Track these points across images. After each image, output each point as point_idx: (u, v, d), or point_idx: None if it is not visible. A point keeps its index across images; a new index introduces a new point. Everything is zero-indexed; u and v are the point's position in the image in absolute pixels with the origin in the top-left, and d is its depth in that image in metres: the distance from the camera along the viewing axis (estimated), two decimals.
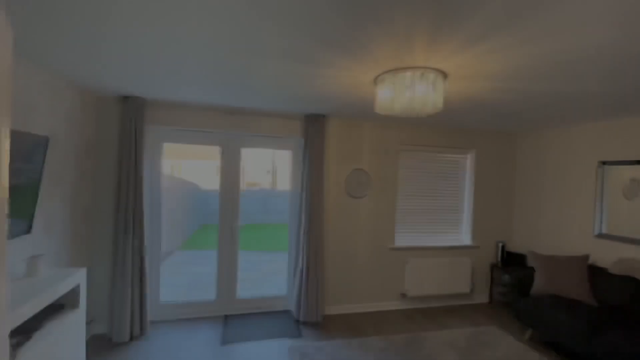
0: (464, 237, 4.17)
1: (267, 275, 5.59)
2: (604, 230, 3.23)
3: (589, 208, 3.36)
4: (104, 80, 2.44)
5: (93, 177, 2.97)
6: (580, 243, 3.43)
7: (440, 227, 4.08)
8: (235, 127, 3.32)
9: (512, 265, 3.95)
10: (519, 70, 1.87)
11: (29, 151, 2.05)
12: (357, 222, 3.70)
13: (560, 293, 3.07)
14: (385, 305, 3.81)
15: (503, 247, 4.08)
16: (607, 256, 3.17)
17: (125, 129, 2.88)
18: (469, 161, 4.17)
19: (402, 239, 3.92)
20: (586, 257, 3.15)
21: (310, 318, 3.36)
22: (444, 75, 1.98)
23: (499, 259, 4.08)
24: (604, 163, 3.24)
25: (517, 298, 3.26)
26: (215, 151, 3.47)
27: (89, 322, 2.95)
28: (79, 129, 2.72)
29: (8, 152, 0.89)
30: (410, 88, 1.98)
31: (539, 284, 3.17)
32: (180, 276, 5.44)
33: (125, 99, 2.89)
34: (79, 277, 2.22)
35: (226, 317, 3.45)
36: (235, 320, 3.39)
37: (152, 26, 1.50)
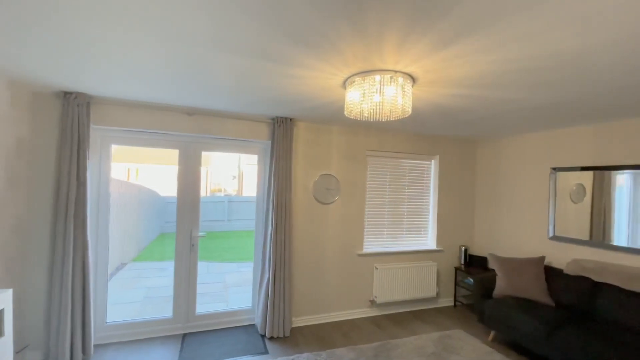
0: (430, 242, 4.24)
1: (231, 288, 5.30)
2: (557, 233, 3.42)
3: (543, 211, 3.55)
4: (39, 72, 2.13)
5: (27, 182, 2.60)
6: (537, 245, 3.61)
7: (407, 233, 4.12)
8: (196, 129, 3.10)
9: (475, 268, 4.07)
10: (483, 76, 1.90)
11: None
12: (326, 229, 3.61)
13: (520, 294, 3.19)
14: (354, 313, 3.74)
15: (466, 250, 4.20)
16: (561, 257, 3.36)
17: (66, 128, 2.56)
18: (433, 167, 4.27)
19: (371, 245, 3.89)
20: (542, 259, 3.31)
21: (277, 332, 3.18)
22: (413, 79, 1.96)
23: (463, 262, 4.20)
24: (555, 169, 3.46)
25: (480, 301, 3.34)
26: (174, 155, 3.21)
27: (20, 350, 2.55)
28: (9, 127, 2.36)
29: None
30: (379, 92, 1.94)
31: (500, 286, 3.28)
32: (133, 291, 4.98)
33: (67, 95, 2.57)
34: (2, 301, 1.89)
35: (184, 335, 3.17)
36: (195, 338, 3.12)
37: (94, 9, 1.30)
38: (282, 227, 3.20)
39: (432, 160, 4.27)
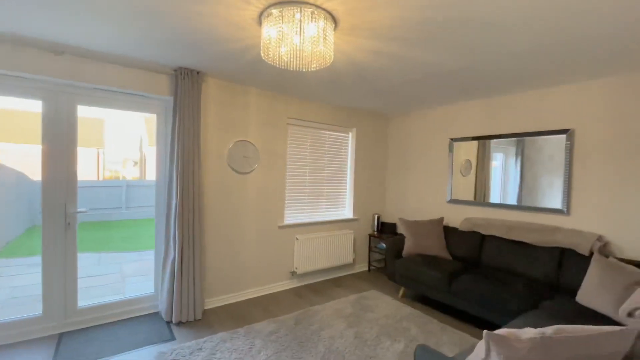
0: (347, 212, 4.36)
1: (130, 278, 4.56)
2: (453, 197, 3.87)
3: (444, 178, 3.97)
4: None
5: None
6: (438, 208, 4.03)
7: (327, 203, 4.13)
8: (67, 74, 2.41)
9: (386, 234, 4.35)
10: (405, 24, 1.88)
11: None
12: (244, 200, 3.32)
13: (424, 252, 3.51)
14: (275, 286, 3.59)
15: (378, 218, 4.46)
16: (456, 217, 3.81)
17: None
18: (350, 139, 4.36)
19: (292, 217, 3.77)
20: (441, 220, 3.70)
21: (186, 316, 2.82)
22: (334, 21, 1.83)
23: (376, 229, 4.45)
24: (453, 140, 3.87)
25: (391, 262, 3.58)
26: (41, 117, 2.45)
27: None
28: None
29: None
30: (299, 33, 1.76)
31: (408, 247, 3.55)
32: None
33: None
34: None
35: (61, 335, 2.54)
36: (77, 336, 2.53)
37: None
38: (190, 198, 2.80)
39: (350, 133, 4.34)
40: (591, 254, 2.57)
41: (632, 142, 2.53)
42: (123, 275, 4.66)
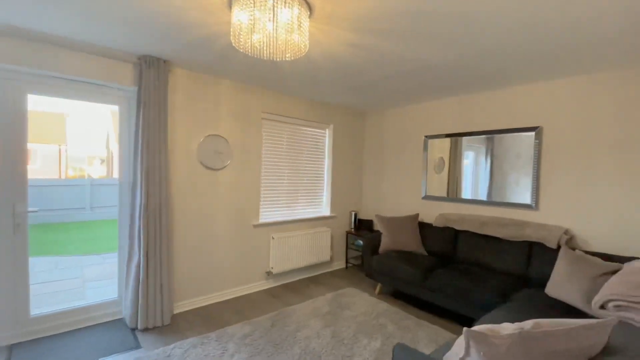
0: (324, 209, 4.30)
1: (92, 282, 4.26)
2: (428, 193, 3.91)
3: (419, 175, 4.00)
4: None
5: None
6: (413, 204, 4.06)
7: (304, 200, 4.05)
8: (14, 59, 2.17)
9: (363, 230, 4.34)
10: (384, 15, 1.84)
11: None
12: (216, 198, 3.17)
13: (400, 248, 3.52)
14: (249, 287, 3.47)
15: (356, 215, 4.44)
16: (431, 213, 3.86)
17: None
18: (327, 136, 4.30)
19: (267, 215, 3.66)
20: (417, 216, 3.73)
21: (153, 322, 2.64)
22: (309, 8, 1.75)
23: (353, 226, 4.43)
24: (427, 137, 3.91)
25: (368, 258, 3.56)
26: None
27: None
28: None
29: None
30: (273, 20, 1.66)
31: (385, 243, 3.55)
32: None
33: None
34: None
35: (12, 347, 2.30)
36: (30, 347, 2.30)
37: None
38: (156, 196, 2.62)
39: (327, 130, 4.28)
40: (558, 247, 2.67)
41: (596, 139, 2.65)
42: (84, 279, 4.34)
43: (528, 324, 1.03)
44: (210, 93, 3.07)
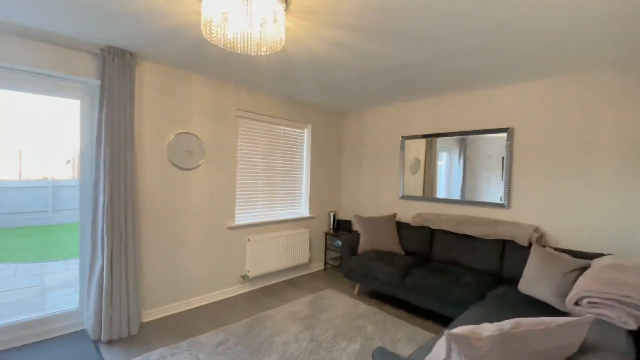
0: (303, 210, 4.23)
1: (53, 291, 3.94)
2: (405, 193, 3.93)
3: (397, 175, 4.02)
4: None
5: None
6: (391, 204, 4.08)
7: (282, 201, 3.96)
8: None
9: (342, 231, 4.30)
10: (361, 9, 1.80)
11: None
12: (188, 200, 3.02)
13: (379, 248, 3.52)
14: (224, 292, 3.33)
15: (334, 215, 4.40)
16: (408, 212, 3.88)
17: None
18: (306, 136, 4.23)
19: (243, 216, 3.53)
20: (394, 215, 3.74)
21: (118, 333, 2.47)
22: (285, 0, 1.68)
23: (332, 227, 4.38)
24: (404, 137, 3.93)
25: (346, 259, 3.53)
26: None
27: None
28: None
29: None
30: (247, 12, 1.58)
31: (363, 243, 3.53)
32: None
33: None
34: None
35: None
36: None
37: None
38: (121, 197, 2.45)
39: (305, 129, 4.22)
40: (530, 244, 2.75)
41: (563, 140, 2.75)
42: (45, 288, 4.01)
43: (507, 324, 1.01)
44: (181, 88, 2.92)
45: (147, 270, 2.79)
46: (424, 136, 3.73)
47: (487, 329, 1.01)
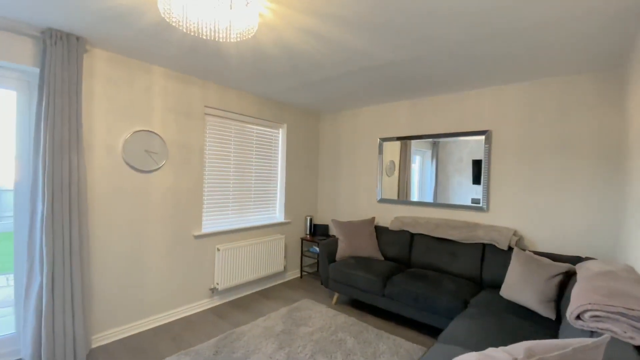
0: (278, 215, 4.00)
1: None
2: (383, 196, 3.83)
3: (375, 178, 3.91)
4: None
5: None
6: (369, 208, 3.96)
7: (255, 206, 3.71)
8: None
9: (319, 236, 4.12)
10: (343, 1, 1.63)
11: None
12: (147, 206, 2.69)
13: (358, 253, 3.37)
14: (189, 308, 3.02)
15: (311, 220, 4.21)
16: (387, 216, 3.78)
17: None
18: (280, 137, 4.02)
19: (212, 224, 3.24)
20: (373, 220, 3.62)
21: None
22: None
23: (308, 232, 4.19)
24: (382, 139, 3.84)
25: (324, 266, 3.34)
26: None
27: None
28: None
29: None
30: None
31: (342, 249, 3.37)
32: None
33: None
34: None
35: None
36: None
37: None
38: (65, 203, 2.11)
39: (280, 130, 4.00)
40: (509, 248, 2.71)
41: (541, 143, 2.75)
42: None
43: (520, 351, 0.87)
44: (139, 81, 2.60)
45: (98, 288, 2.44)
46: (399, 138, 3.66)
47: (499, 358, 0.86)
